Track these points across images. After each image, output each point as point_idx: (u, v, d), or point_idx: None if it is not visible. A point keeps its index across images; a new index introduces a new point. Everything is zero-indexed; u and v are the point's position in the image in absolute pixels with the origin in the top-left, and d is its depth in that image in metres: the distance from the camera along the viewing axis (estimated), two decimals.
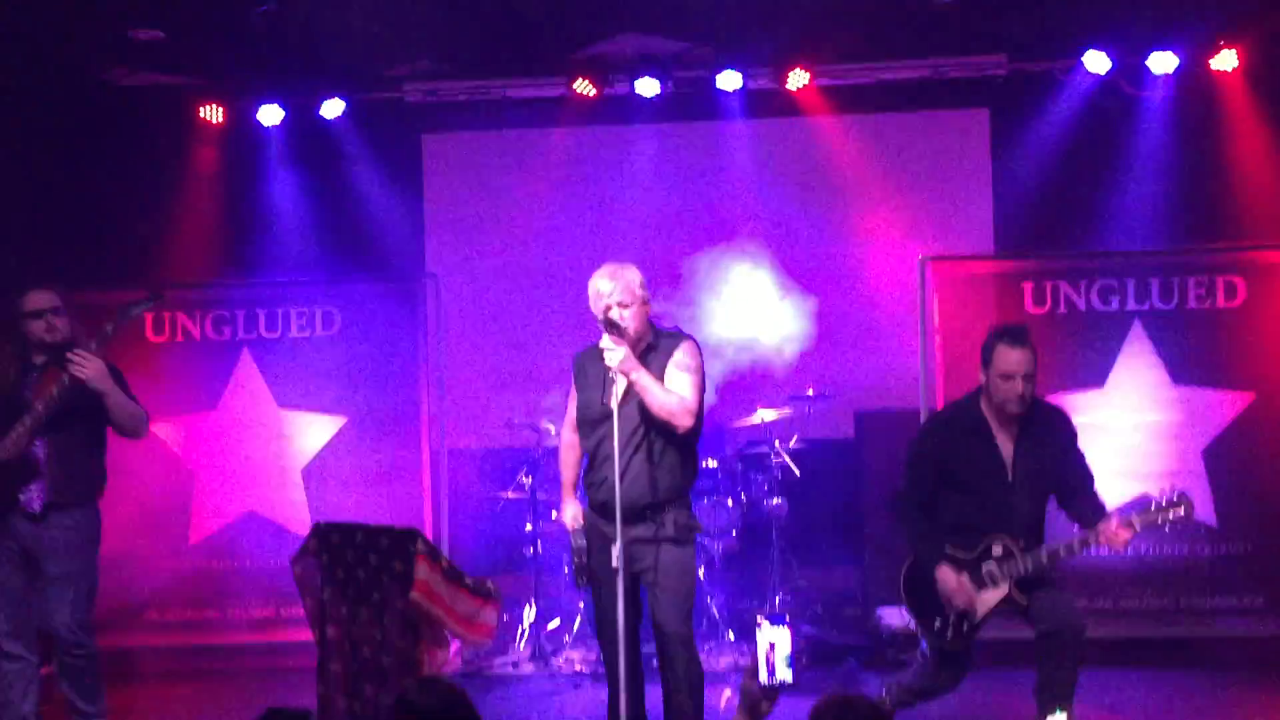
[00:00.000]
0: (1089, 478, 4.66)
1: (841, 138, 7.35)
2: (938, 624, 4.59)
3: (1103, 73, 6.90)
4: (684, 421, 4.36)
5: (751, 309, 6.92)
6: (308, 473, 6.74)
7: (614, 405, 4.26)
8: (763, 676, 2.83)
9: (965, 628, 4.56)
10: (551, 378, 6.23)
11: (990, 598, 4.51)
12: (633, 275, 4.45)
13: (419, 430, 6.75)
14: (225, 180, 7.40)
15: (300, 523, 6.44)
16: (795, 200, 7.29)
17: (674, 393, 4.37)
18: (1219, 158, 6.94)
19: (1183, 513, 4.39)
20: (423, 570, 4.20)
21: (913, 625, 4.69)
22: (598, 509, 4.50)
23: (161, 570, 6.65)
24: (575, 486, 4.72)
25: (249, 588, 6.64)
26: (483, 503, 6.97)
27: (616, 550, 4.24)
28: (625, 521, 4.28)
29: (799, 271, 7.23)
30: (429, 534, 6.30)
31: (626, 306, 4.39)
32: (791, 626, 2.84)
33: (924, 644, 4.75)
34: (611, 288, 4.40)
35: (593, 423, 4.50)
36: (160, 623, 6.68)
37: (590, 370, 4.51)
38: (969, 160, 7.37)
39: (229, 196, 7.40)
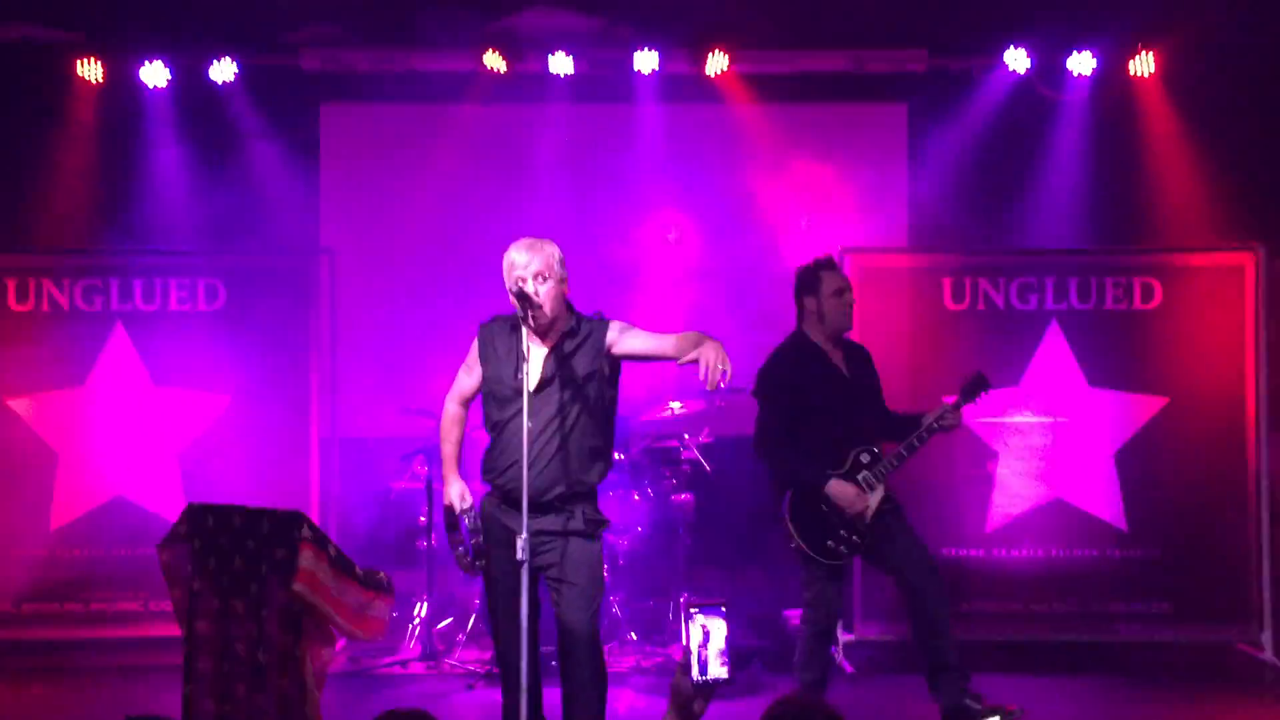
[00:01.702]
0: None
1: (760, 126, 7.19)
2: (830, 543, 4.84)
3: (1023, 71, 6.92)
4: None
5: (663, 297, 6.72)
6: (185, 456, 6.31)
7: (528, 387, 3.96)
8: (694, 673, 2.54)
9: (858, 537, 4.85)
10: (451, 364, 5.88)
11: (873, 500, 4.87)
12: (553, 250, 4.18)
13: (308, 414, 6.37)
14: (103, 142, 7.03)
15: (174, 509, 5.90)
16: (711, 187, 7.11)
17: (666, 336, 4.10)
18: (1136, 161, 6.99)
19: (981, 385, 4.98)
20: (308, 559, 3.82)
21: (807, 552, 4.87)
22: (501, 497, 4.19)
23: (18, 559, 6.17)
24: (458, 461, 4.41)
25: (114, 579, 6.18)
26: (374, 492, 6.62)
27: (521, 542, 3.93)
28: (531, 512, 3.97)
29: (714, 259, 7.06)
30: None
31: (544, 280, 4.10)
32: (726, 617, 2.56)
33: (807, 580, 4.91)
34: (529, 259, 4.11)
35: (502, 400, 4.21)
36: (15, 616, 6.19)
37: (501, 343, 4.22)
38: (886, 154, 7.27)
39: (107, 159, 7.02)
